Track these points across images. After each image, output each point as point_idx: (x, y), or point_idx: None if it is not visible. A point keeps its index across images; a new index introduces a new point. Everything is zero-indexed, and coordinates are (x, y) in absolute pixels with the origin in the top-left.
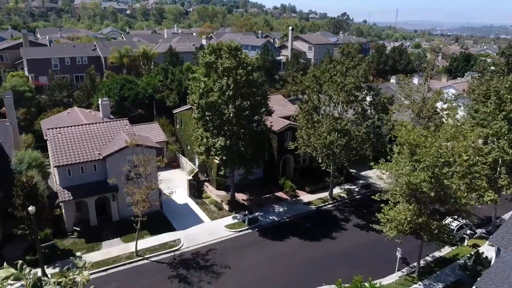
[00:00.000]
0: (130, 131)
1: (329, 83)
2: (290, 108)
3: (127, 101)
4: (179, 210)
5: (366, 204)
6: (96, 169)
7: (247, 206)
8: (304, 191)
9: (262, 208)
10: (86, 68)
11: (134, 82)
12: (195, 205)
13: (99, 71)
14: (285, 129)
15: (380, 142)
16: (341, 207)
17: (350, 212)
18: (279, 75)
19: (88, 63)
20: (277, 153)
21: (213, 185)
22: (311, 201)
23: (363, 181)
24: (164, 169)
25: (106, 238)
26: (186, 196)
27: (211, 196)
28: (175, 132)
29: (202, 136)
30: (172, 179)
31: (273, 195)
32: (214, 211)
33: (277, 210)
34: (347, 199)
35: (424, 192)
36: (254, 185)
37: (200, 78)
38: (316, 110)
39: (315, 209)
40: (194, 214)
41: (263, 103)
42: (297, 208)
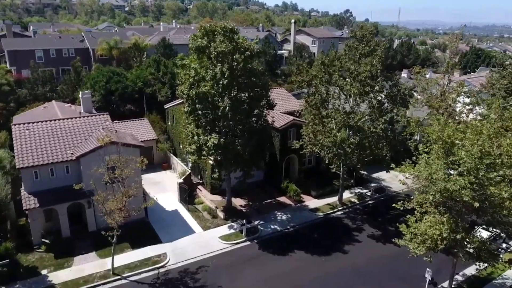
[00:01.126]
0: (111, 128)
1: (339, 72)
2: (294, 102)
3: (114, 96)
4: (167, 217)
5: (380, 211)
6: (68, 171)
7: (245, 213)
8: (310, 196)
9: (262, 215)
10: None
11: (123, 75)
12: (185, 212)
13: (87, 64)
14: (288, 125)
15: (398, 141)
16: (352, 214)
17: (362, 221)
18: (281, 70)
19: (75, 56)
20: (279, 152)
21: (207, 188)
22: (318, 207)
23: (376, 184)
24: (154, 170)
25: (80, 252)
26: (176, 201)
27: (205, 202)
28: (166, 130)
29: (193, 133)
30: (161, 181)
31: (275, 200)
32: (207, 219)
33: (280, 218)
34: (359, 205)
35: (464, 201)
36: (253, 189)
37: (191, 65)
38: (325, 103)
39: (322, 217)
40: (184, 223)
41: (263, 95)
42: (303, 216)
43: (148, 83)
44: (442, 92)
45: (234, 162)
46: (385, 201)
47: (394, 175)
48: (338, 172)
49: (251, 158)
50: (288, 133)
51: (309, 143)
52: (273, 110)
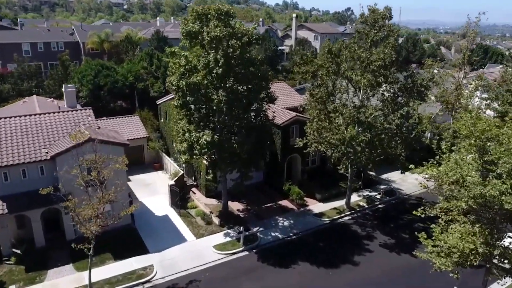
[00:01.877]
0: (93, 124)
1: (348, 62)
2: (297, 98)
3: (103, 91)
4: (156, 224)
5: (392, 216)
6: (43, 172)
7: (242, 218)
8: (314, 199)
9: (262, 221)
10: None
11: (112, 69)
12: (177, 217)
13: (77, 58)
14: (291, 122)
15: (414, 138)
16: (362, 219)
17: (373, 227)
18: (282, 66)
19: (64, 50)
20: (280, 151)
21: (201, 191)
22: (324, 212)
23: (385, 186)
24: (144, 171)
25: (55, 264)
26: (167, 205)
27: (198, 206)
28: (159, 127)
29: (184, 130)
30: (152, 183)
31: (276, 204)
32: (200, 226)
33: (281, 224)
34: (368, 209)
35: (504, 209)
36: (252, 191)
37: (181, 52)
38: (331, 97)
39: (328, 223)
40: (175, 230)
41: (263, 87)
42: (307, 221)
43: (140, 78)
44: (457, 86)
45: (230, 162)
46: (397, 205)
47: (404, 175)
48: (346, 173)
49: (249, 158)
50: (291, 130)
51: (313, 141)
52: (274, 104)
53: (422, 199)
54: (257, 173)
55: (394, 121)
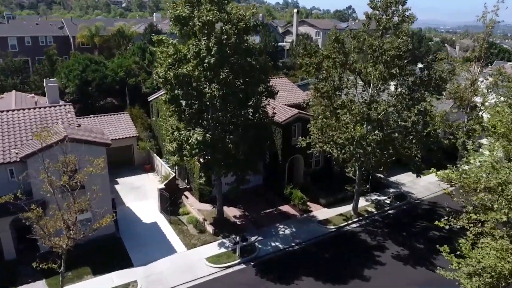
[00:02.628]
0: (72, 121)
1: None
2: (299, 94)
3: (91, 87)
4: (143, 232)
5: (404, 223)
6: (13, 175)
7: (239, 226)
8: (318, 204)
9: (260, 229)
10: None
11: (102, 63)
12: (167, 224)
13: (67, 53)
14: (293, 119)
15: (432, 137)
16: (371, 227)
17: (384, 236)
18: (283, 62)
19: (54, 44)
20: (281, 152)
21: (195, 195)
22: (329, 218)
23: (395, 189)
24: (134, 173)
25: (25, 280)
26: (157, 211)
27: (191, 212)
28: (151, 126)
29: (173, 128)
30: (141, 186)
31: (277, 209)
32: (192, 235)
33: (282, 232)
34: (377, 215)
35: None
36: (250, 196)
37: (168, 40)
38: (338, 92)
39: (334, 231)
40: (164, 240)
41: (262, 80)
42: (310, 230)
43: (132, 73)
44: (473, 81)
45: (224, 164)
46: (408, 210)
47: (414, 178)
48: (353, 176)
49: (246, 159)
50: (292, 128)
51: (318, 140)
52: (274, 99)
53: (437, 204)
54: (256, 176)
55: (410, 118)
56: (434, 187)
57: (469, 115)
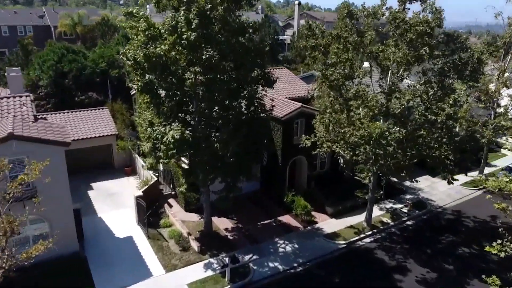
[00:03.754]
0: (27, 115)
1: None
2: (302, 86)
3: (67, 79)
4: (114, 250)
5: (427, 237)
6: None
7: (231, 242)
8: (324, 214)
9: (256, 245)
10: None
11: (81, 53)
12: (144, 240)
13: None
14: (295, 114)
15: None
16: (388, 242)
17: (404, 253)
18: (284, 56)
19: (34, 34)
20: (281, 153)
21: (180, 203)
22: (338, 231)
23: (411, 195)
24: (112, 176)
25: None
26: (134, 222)
27: (174, 224)
28: (133, 123)
29: (147, 123)
30: (118, 192)
31: (276, 220)
32: (174, 253)
33: (282, 249)
34: (394, 226)
35: None
36: (245, 204)
37: (139, 13)
38: (349, 81)
39: (345, 247)
40: (139, 259)
41: (257, 65)
42: (316, 246)
43: (115, 64)
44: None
45: (210, 169)
46: (430, 221)
47: (432, 182)
48: (364, 180)
49: (237, 162)
50: (294, 125)
51: (325, 139)
52: (273, 88)
53: (461, 213)
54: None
55: (443, 110)
56: (456, 194)
57: (494, 111)
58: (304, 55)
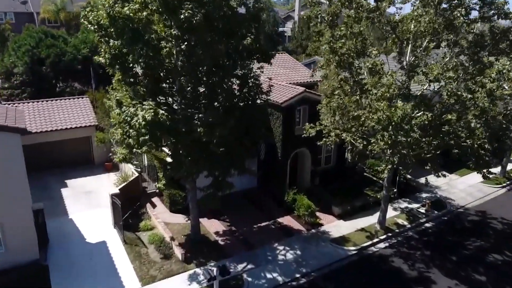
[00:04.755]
0: None
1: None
2: (304, 72)
3: (45, 65)
4: (83, 258)
5: (450, 242)
6: None
7: (222, 247)
8: (330, 215)
9: (252, 252)
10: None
11: (62, 38)
12: (120, 245)
13: None
14: (297, 100)
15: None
16: (405, 247)
17: (426, 261)
18: (284, 47)
19: (16, 22)
20: (282, 145)
21: (165, 202)
22: (347, 235)
23: (428, 194)
24: (91, 172)
25: None
26: (110, 224)
27: (156, 227)
28: None
29: (115, 104)
30: (95, 190)
31: (275, 222)
32: (153, 262)
33: (282, 256)
34: (411, 229)
35: None
36: (240, 203)
37: None
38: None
39: (355, 254)
40: (111, 269)
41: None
42: (322, 252)
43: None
44: None
45: (193, 160)
46: (451, 223)
47: (450, 179)
48: (381, 175)
49: (227, 153)
50: (297, 113)
51: (333, 126)
52: (270, 64)
53: (487, 213)
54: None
55: (482, 87)
56: (478, 192)
57: None
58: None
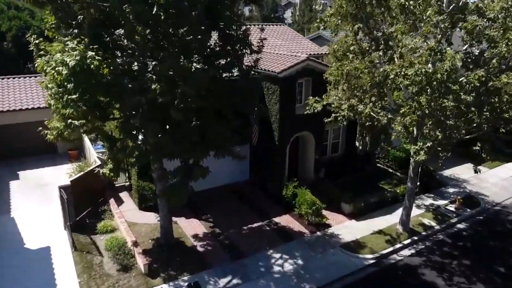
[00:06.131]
0: None
1: None
2: (306, 45)
3: (5, 41)
4: (17, 270)
5: (493, 248)
6: None
7: (201, 256)
8: (339, 213)
9: (240, 261)
10: None
11: (27, 10)
12: (68, 253)
13: None
14: (298, 70)
15: None
16: (437, 255)
17: (467, 274)
18: None
19: None
20: (279, 127)
21: (134, 198)
22: (361, 239)
23: (455, 188)
24: (52, 162)
25: None
26: (62, 225)
27: (118, 228)
28: None
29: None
30: (52, 183)
31: (270, 222)
32: (107, 275)
33: (279, 267)
34: (441, 231)
35: None
36: (228, 199)
37: None
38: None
39: (374, 264)
40: (50, 285)
41: None
42: (330, 262)
43: None
44: None
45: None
46: (489, 223)
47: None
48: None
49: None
50: (298, 86)
51: (348, 95)
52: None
53: None
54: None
55: None
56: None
57: None
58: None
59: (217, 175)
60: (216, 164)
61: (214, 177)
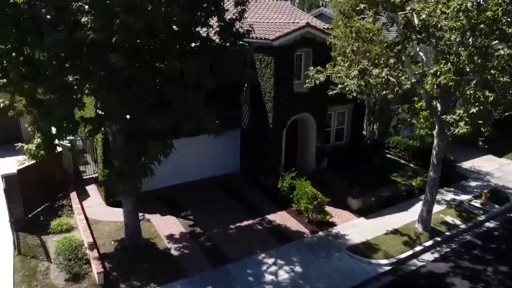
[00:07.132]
0: None
1: None
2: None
3: None
4: None
5: None
6: None
7: (175, 260)
8: (346, 209)
9: (223, 267)
10: None
11: None
12: (10, 257)
13: None
14: (296, 39)
15: None
16: (466, 260)
17: (506, 283)
18: None
19: None
20: (273, 107)
21: (101, 192)
22: (373, 240)
23: (477, 181)
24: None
25: None
26: (7, 223)
27: (77, 227)
28: None
29: None
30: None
31: (263, 221)
32: (51, 286)
33: (272, 276)
34: (469, 231)
35: None
36: (212, 193)
37: None
38: None
39: (390, 272)
40: None
41: None
42: (336, 269)
43: None
44: None
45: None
46: None
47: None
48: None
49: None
50: (295, 59)
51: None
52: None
53: None
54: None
55: None
56: None
57: None
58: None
59: (201, 166)
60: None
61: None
